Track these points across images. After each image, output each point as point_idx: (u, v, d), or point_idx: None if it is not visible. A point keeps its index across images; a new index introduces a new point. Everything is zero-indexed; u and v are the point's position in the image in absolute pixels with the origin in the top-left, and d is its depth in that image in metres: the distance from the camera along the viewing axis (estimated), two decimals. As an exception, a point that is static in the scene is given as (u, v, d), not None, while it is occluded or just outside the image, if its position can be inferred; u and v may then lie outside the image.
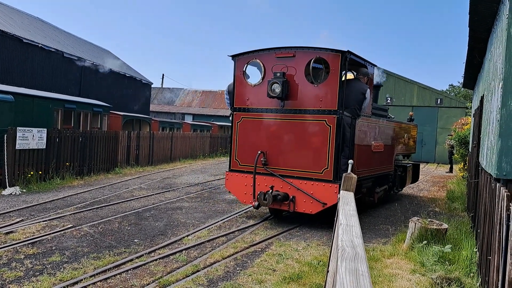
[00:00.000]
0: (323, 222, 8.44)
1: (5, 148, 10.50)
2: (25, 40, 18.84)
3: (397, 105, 27.90)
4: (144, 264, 5.64)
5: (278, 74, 7.88)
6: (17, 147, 10.75)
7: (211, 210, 9.37)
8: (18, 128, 10.80)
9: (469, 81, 11.79)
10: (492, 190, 4.33)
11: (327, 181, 7.67)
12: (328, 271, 3.65)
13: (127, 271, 5.38)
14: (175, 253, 6.18)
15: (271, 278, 5.33)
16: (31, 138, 11.18)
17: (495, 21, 5.28)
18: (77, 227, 7.32)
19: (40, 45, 19.79)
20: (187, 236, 7.11)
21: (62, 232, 6.99)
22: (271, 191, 7.86)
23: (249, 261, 5.98)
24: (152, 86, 33.97)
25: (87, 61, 23.52)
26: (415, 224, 6.68)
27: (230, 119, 8.80)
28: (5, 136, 10.46)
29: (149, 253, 6.14)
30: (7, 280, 4.91)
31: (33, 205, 8.98)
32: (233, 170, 8.65)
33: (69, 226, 7.35)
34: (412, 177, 13.17)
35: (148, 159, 17.80)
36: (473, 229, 7.31)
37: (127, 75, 28.17)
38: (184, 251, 6.30)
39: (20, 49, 18.63)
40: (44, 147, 11.68)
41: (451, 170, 21.49)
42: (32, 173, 11.22)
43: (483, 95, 6.79)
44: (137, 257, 5.90)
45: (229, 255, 6.19)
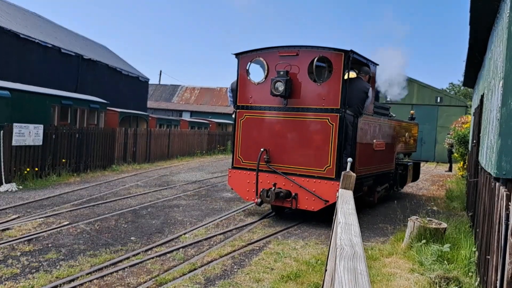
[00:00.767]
0: (321, 221, 8.42)
1: (1, 144, 10.41)
2: (22, 35, 18.72)
3: (396, 103, 27.88)
4: (140, 262, 5.60)
5: (281, 73, 7.92)
6: (14, 143, 10.67)
7: (208, 208, 9.34)
8: (15, 124, 10.71)
9: (469, 80, 11.78)
10: (491, 190, 4.30)
11: (329, 178, 7.72)
12: (326, 269, 3.62)
13: (123, 269, 5.34)
14: (172, 251, 6.14)
15: (268, 276, 5.30)
16: (28, 135, 11.10)
17: (495, 19, 5.25)
18: (73, 225, 7.28)
19: (37, 40, 19.67)
20: (184, 234, 7.07)
21: (59, 229, 6.94)
22: (273, 188, 7.90)
23: (246, 260, 5.95)
24: (149, 82, 33.82)
25: (84, 57, 23.40)
26: (414, 223, 6.66)
27: (233, 116, 8.83)
28: (1, 132, 10.38)
29: (146, 251, 6.10)
30: (3, 277, 4.88)
31: (30, 202, 8.93)
32: (236, 167, 8.69)
33: (65, 223, 7.31)
34: (413, 176, 13.18)
35: (145, 156, 17.74)
36: (472, 228, 7.30)
37: (124, 72, 28.05)
38: (181, 249, 6.26)
39: (17, 45, 18.50)
40: (41, 143, 11.60)
41: (450, 169, 21.49)
42: (28, 169, 11.14)
43: (483, 93, 6.77)
44: (133, 255, 5.86)
45: (226, 253, 6.16)
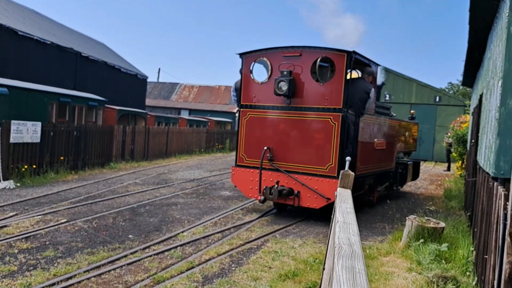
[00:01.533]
0: (319, 220, 8.43)
1: (-1, 141, 10.41)
2: (20, 32, 18.65)
3: (395, 102, 27.89)
4: (138, 260, 5.59)
5: (284, 73, 8.02)
6: (12, 140, 10.64)
7: (206, 207, 9.33)
8: (13, 121, 10.68)
9: (468, 79, 11.79)
10: (489, 189, 4.30)
11: (331, 177, 7.80)
12: (324, 268, 3.62)
13: (121, 267, 5.33)
14: (170, 249, 6.13)
15: (266, 275, 5.30)
16: (26, 132, 11.07)
17: (495, 18, 5.24)
18: (71, 222, 7.26)
19: (35, 37, 19.61)
20: (182, 232, 7.06)
21: (56, 227, 6.93)
22: (276, 186, 8.02)
23: (244, 258, 5.95)
24: (148, 80, 33.75)
25: (83, 54, 23.34)
26: (412, 222, 6.67)
27: (237, 115, 8.93)
28: (-1, 129, 10.36)
29: (144, 249, 6.09)
30: (0, 275, 4.87)
31: (27, 199, 8.90)
32: (239, 165, 8.79)
33: (63, 221, 7.29)
34: (412, 175, 13.22)
35: (144, 154, 17.71)
36: (470, 228, 7.31)
37: (122, 69, 27.99)
38: (179, 247, 6.26)
39: (15, 42, 18.44)
40: (39, 140, 11.57)
41: (448, 168, 21.51)
42: (26, 167, 11.12)
43: (482, 93, 6.77)
44: (131, 253, 5.85)
45: (224, 251, 6.16)
